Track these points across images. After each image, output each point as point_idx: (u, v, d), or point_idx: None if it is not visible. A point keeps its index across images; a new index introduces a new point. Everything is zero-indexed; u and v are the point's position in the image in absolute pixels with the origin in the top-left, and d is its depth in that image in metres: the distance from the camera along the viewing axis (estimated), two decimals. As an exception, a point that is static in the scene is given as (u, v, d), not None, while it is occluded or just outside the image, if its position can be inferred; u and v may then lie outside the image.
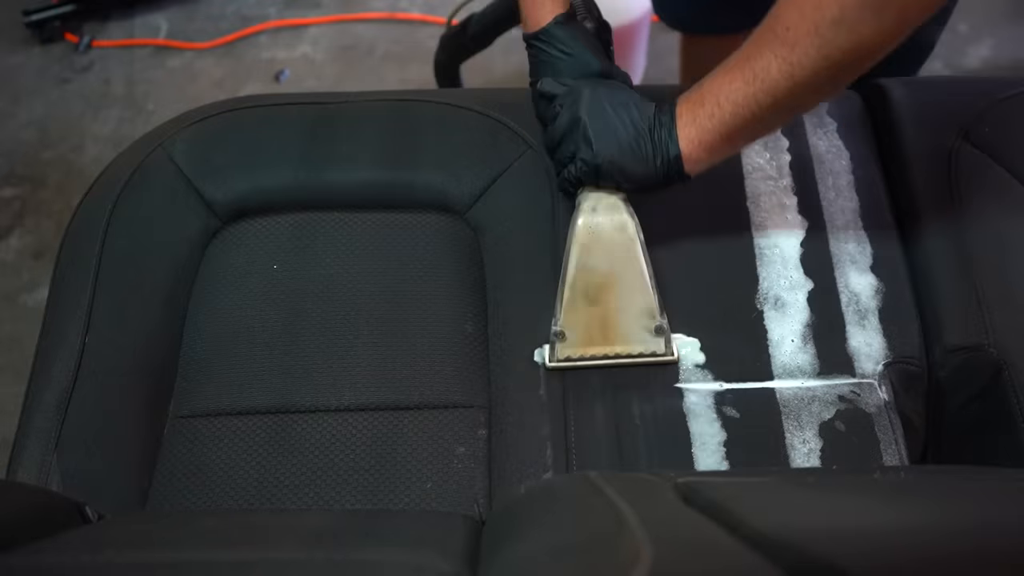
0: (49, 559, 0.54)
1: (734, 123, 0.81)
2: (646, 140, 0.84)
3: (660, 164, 0.85)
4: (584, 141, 0.85)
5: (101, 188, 1.03)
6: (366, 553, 0.56)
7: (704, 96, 0.83)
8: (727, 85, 0.81)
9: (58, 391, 0.90)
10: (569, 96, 0.88)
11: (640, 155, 0.85)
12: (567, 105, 0.87)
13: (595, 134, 0.85)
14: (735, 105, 0.80)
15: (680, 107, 0.85)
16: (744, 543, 0.44)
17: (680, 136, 0.84)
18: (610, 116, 0.85)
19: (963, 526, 0.49)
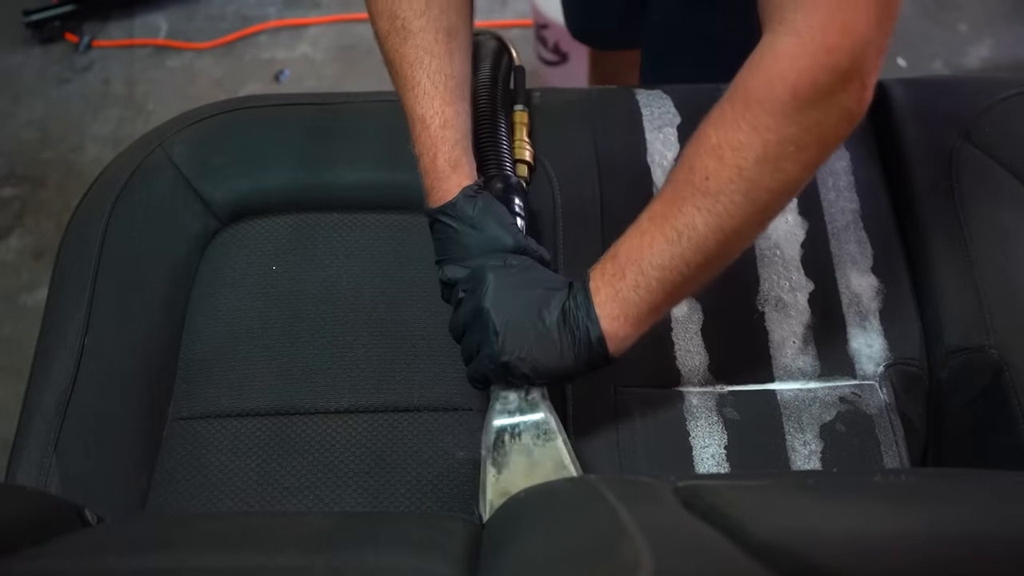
0: (49, 565, 0.54)
1: (662, 289, 0.75)
2: (559, 328, 0.77)
3: (580, 351, 0.77)
4: (488, 335, 0.77)
5: (101, 188, 1.03)
6: (365, 557, 0.56)
7: (623, 265, 0.76)
8: (647, 249, 0.74)
9: (57, 392, 0.90)
10: (472, 282, 0.81)
11: (554, 346, 0.77)
12: (469, 292, 0.80)
13: (500, 329, 0.77)
14: (662, 270, 0.74)
15: (595, 282, 0.77)
16: (744, 550, 0.44)
17: (601, 315, 0.76)
18: (517, 305, 0.78)
19: (963, 531, 0.49)
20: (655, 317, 0.78)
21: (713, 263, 0.75)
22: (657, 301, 0.76)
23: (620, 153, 1.03)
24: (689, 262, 0.73)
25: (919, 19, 2.01)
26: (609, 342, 0.76)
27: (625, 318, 0.76)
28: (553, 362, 0.77)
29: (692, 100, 1.08)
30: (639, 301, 0.75)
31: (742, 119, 0.69)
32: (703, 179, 0.71)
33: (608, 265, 0.77)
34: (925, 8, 2.02)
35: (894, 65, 1.95)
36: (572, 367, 0.78)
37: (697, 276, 0.75)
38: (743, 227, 0.72)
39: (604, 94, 1.08)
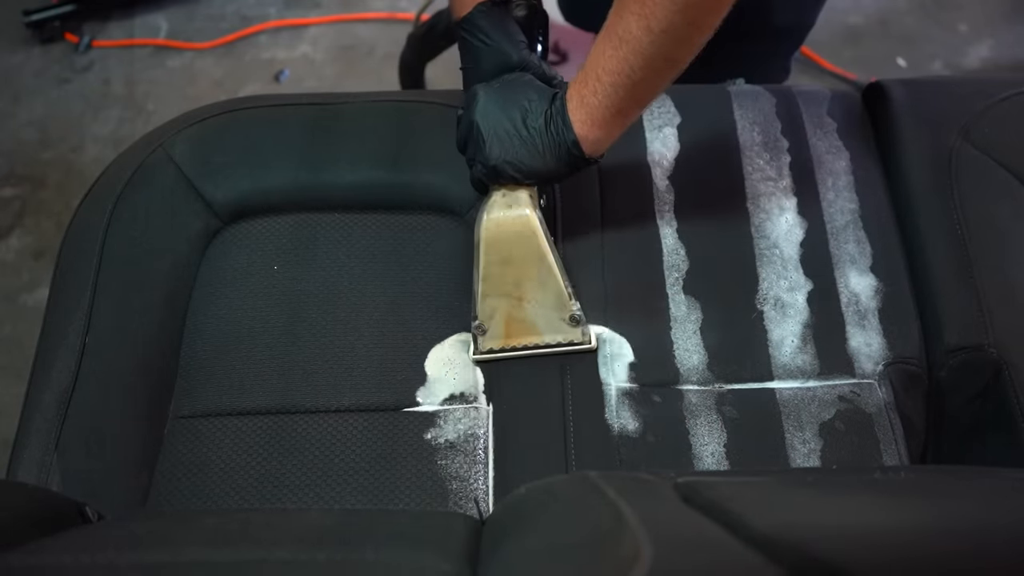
0: (49, 559, 0.54)
1: (616, 93, 0.82)
2: (541, 133, 0.85)
3: (561, 153, 0.85)
4: (479, 144, 0.87)
5: (101, 188, 1.03)
6: (366, 553, 0.56)
7: (586, 74, 0.83)
8: (601, 57, 0.81)
9: (58, 391, 0.90)
10: (467, 100, 0.90)
11: (536, 150, 0.86)
12: (466, 110, 0.89)
13: (487, 136, 0.86)
14: (611, 74, 0.81)
15: (569, 91, 0.85)
16: (744, 542, 0.44)
17: (573, 120, 0.84)
18: (502, 117, 0.86)
19: (963, 526, 0.49)
20: (622, 119, 0.85)
21: (656, 65, 0.80)
22: (615, 104, 0.83)
23: (620, 152, 1.03)
24: (632, 65, 0.80)
25: (919, 19, 2.01)
26: (582, 144, 0.85)
27: (592, 121, 0.84)
28: (538, 164, 0.86)
29: (692, 100, 1.08)
30: (599, 105, 0.83)
31: None
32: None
33: (579, 75, 0.85)
34: (925, 8, 2.02)
35: (894, 65, 1.95)
36: (555, 168, 0.87)
37: (647, 78, 0.81)
38: (672, 27, 0.76)
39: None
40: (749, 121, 1.06)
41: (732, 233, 1.00)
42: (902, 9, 2.01)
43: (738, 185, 1.02)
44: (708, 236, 0.99)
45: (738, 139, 1.05)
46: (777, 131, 1.05)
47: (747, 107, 1.07)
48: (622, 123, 0.86)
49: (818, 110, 1.08)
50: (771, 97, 1.08)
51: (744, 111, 1.07)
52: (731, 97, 1.09)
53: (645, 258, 0.98)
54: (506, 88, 0.88)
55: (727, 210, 1.01)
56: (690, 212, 1.00)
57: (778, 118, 1.06)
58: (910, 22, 2.00)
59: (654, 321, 0.95)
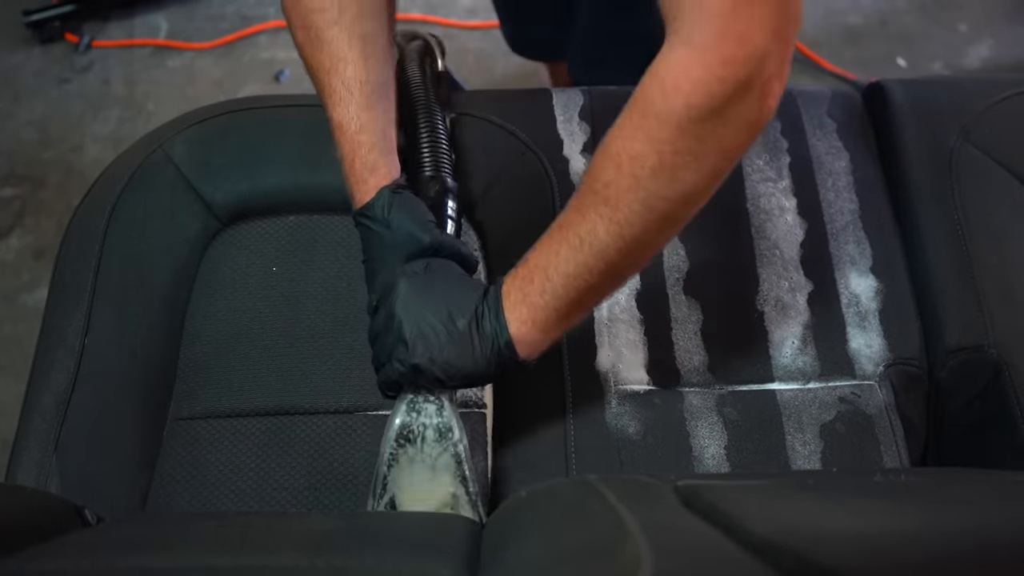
0: (49, 564, 0.54)
1: (567, 295, 0.75)
2: (472, 331, 0.77)
3: (491, 353, 0.77)
4: (399, 340, 0.78)
5: (101, 189, 1.03)
6: (365, 558, 0.56)
7: (532, 271, 0.76)
8: (554, 256, 0.74)
9: (57, 393, 0.90)
10: (384, 289, 0.81)
11: (464, 348, 0.77)
12: (382, 300, 0.81)
13: (410, 332, 0.77)
14: (566, 276, 0.74)
15: (507, 286, 0.78)
16: (744, 548, 0.44)
17: (510, 319, 0.76)
18: (429, 310, 0.78)
19: (963, 529, 0.49)
20: (565, 324, 0.78)
21: (618, 270, 0.75)
22: (563, 307, 0.76)
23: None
24: (592, 269, 0.73)
25: (919, 19, 2.01)
26: (518, 346, 0.77)
27: (533, 323, 0.76)
28: (467, 364, 0.77)
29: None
30: (545, 306, 0.76)
31: (639, 129, 0.68)
32: (604, 187, 0.71)
33: (520, 270, 0.78)
34: (925, 8, 2.02)
35: (894, 65, 1.95)
36: (484, 369, 0.78)
37: (603, 284, 0.75)
38: (643, 235, 0.72)
39: (603, 95, 1.08)
40: (749, 121, 1.06)
41: (732, 234, 0.99)
42: (902, 9, 2.01)
43: (738, 186, 1.02)
44: (708, 237, 0.99)
45: (738, 140, 1.04)
46: (777, 131, 1.05)
47: (747, 107, 1.07)
48: (563, 328, 0.78)
49: (818, 110, 1.07)
50: (771, 97, 1.08)
51: (744, 111, 1.06)
52: (731, 97, 1.08)
53: (645, 259, 0.98)
54: (429, 278, 0.81)
55: (727, 211, 1.01)
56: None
57: (778, 118, 1.06)
58: (910, 22, 2.00)
59: (654, 322, 0.95)
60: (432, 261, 0.83)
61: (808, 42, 1.96)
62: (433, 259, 0.83)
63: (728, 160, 0.70)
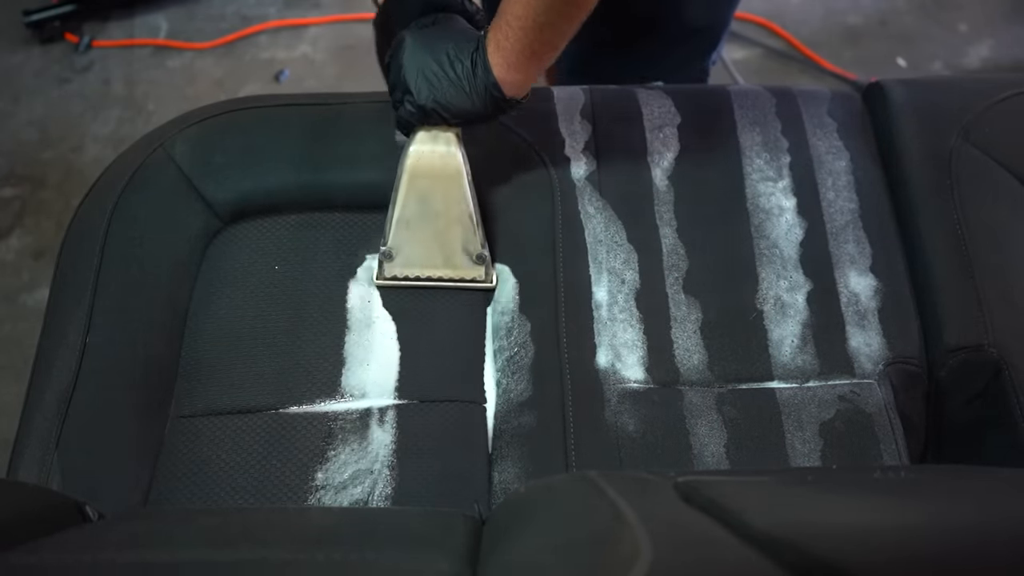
0: (49, 558, 0.54)
1: (526, 37, 0.84)
2: (467, 76, 0.88)
3: (484, 94, 0.88)
4: (408, 86, 0.89)
5: (102, 188, 1.03)
6: (366, 553, 0.56)
7: (500, 20, 0.86)
8: (510, 3, 0.84)
9: (59, 391, 0.90)
10: (396, 45, 0.92)
11: (462, 90, 0.88)
12: (395, 54, 0.92)
13: (415, 79, 0.89)
14: (519, 19, 0.84)
15: (488, 36, 0.88)
16: (744, 541, 0.44)
17: (492, 63, 0.87)
18: (429, 60, 0.89)
19: (963, 525, 0.49)
20: (537, 61, 0.88)
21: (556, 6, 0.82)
22: (526, 47, 0.85)
23: (619, 152, 1.03)
24: (535, 8, 0.82)
25: (919, 19, 2.01)
26: (503, 86, 0.88)
27: (508, 64, 0.87)
28: (466, 105, 0.89)
29: (692, 100, 1.08)
30: (512, 49, 0.86)
31: None
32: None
33: (495, 21, 0.88)
34: (925, 8, 2.02)
35: (894, 65, 1.95)
36: (481, 109, 0.90)
37: (551, 21, 0.84)
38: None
39: (604, 93, 1.09)
40: (749, 121, 1.06)
41: (732, 233, 1.00)
42: (902, 9, 2.01)
43: (738, 185, 1.02)
44: (708, 236, 0.99)
45: (738, 139, 1.05)
46: (777, 131, 1.05)
47: (747, 107, 1.07)
48: (538, 65, 0.88)
49: (818, 110, 1.08)
50: (771, 97, 1.08)
51: (744, 111, 1.07)
52: (731, 97, 1.09)
53: (645, 257, 0.98)
54: (433, 31, 0.91)
55: (727, 210, 1.01)
56: (690, 212, 1.00)
57: (778, 118, 1.06)
58: (910, 22, 2.00)
59: (654, 321, 0.95)
60: (439, 16, 0.93)
61: (808, 42, 1.97)
62: (440, 14, 0.94)
63: None
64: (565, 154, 1.04)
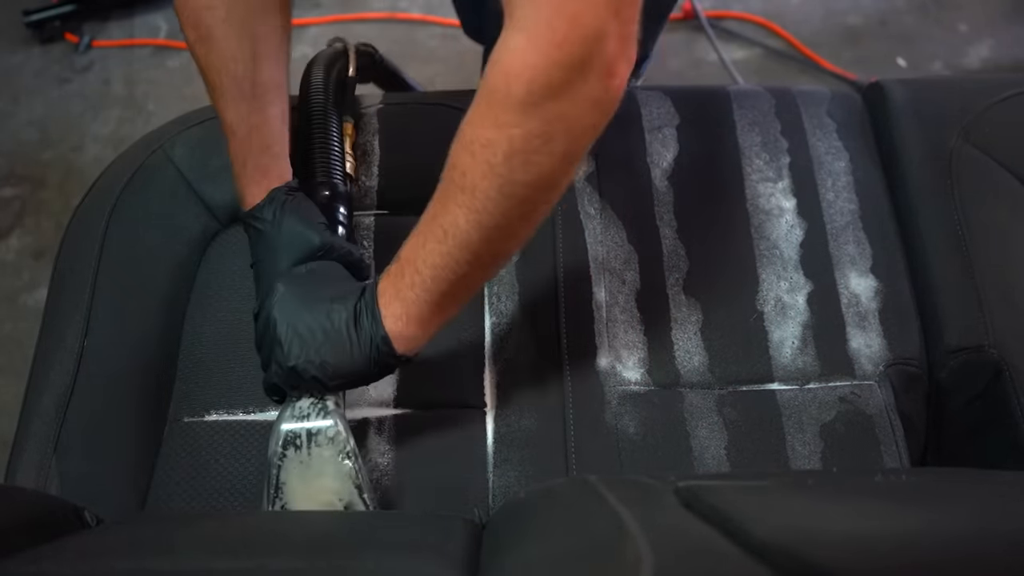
0: (49, 567, 0.54)
1: (438, 288, 0.75)
2: (348, 328, 0.77)
3: (370, 351, 0.77)
4: (276, 343, 0.78)
5: (101, 189, 1.03)
6: (365, 560, 0.56)
7: (403, 266, 0.76)
8: (421, 248, 0.74)
9: (57, 394, 0.90)
10: (265, 294, 0.82)
11: (342, 347, 0.77)
12: (263, 305, 0.81)
13: (286, 334, 0.78)
14: (434, 268, 0.74)
15: (382, 283, 0.78)
16: (744, 550, 0.44)
17: (386, 315, 0.77)
18: (302, 311, 0.79)
19: (963, 531, 0.49)
20: (441, 316, 0.78)
21: (483, 260, 0.74)
22: (435, 300, 0.76)
23: (618, 153, 1.03)
24: (458, 259, 0.73)
25: (919, 19, 2.01)
26: (395, 342, 0.77)
27: (408, 317, 0.76)
28: (345, 364, 0.77)
29: (692, 100, 1.08)
30: (417, 300, 0.76)
31: (487, 116, 0.68)
32: (461, 176, 0.70)
33: (393, 266, 0.78)
34: (925, 8, 2.02)
35: (894, 65, 1.95)
36: (364, 368, 0.78)
37: (471, 273, 0.74)
38: (504, 223, 0.71)
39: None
40: (749, 121, 1.06)
41: (732, 234, 0.99)
42: (902, 9, 2.01)
43: (738, 186, 1.02)
44: (708, 237, 0.99)
45: (738, 139, 1.05)
46: (777, 131, 1.05)
47: (747, 107, 1.07)
48: (439, 321, 0.78)
49: (818, 110, 1.07)
50: (771, 97, 1.08)
51: (744, 111, 1.07)
52: (731, 97, 1.08)
53: (645, 258, 0.98)
54: (308, 279, 0.82)
55: (727, 211, 1.01)
56: (690, 213, 1.00)
57: (778, 118, 1.06)
58: (910, 22, 2.00)
59: (654, 322, 0.95)
60: (317, 264, 0.84)
61: (808, 42, 1.96)
62: (319, 262, 0.84)
63: (578, 142, 0.70)
64: (565, 155, 1.03)
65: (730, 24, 2.01)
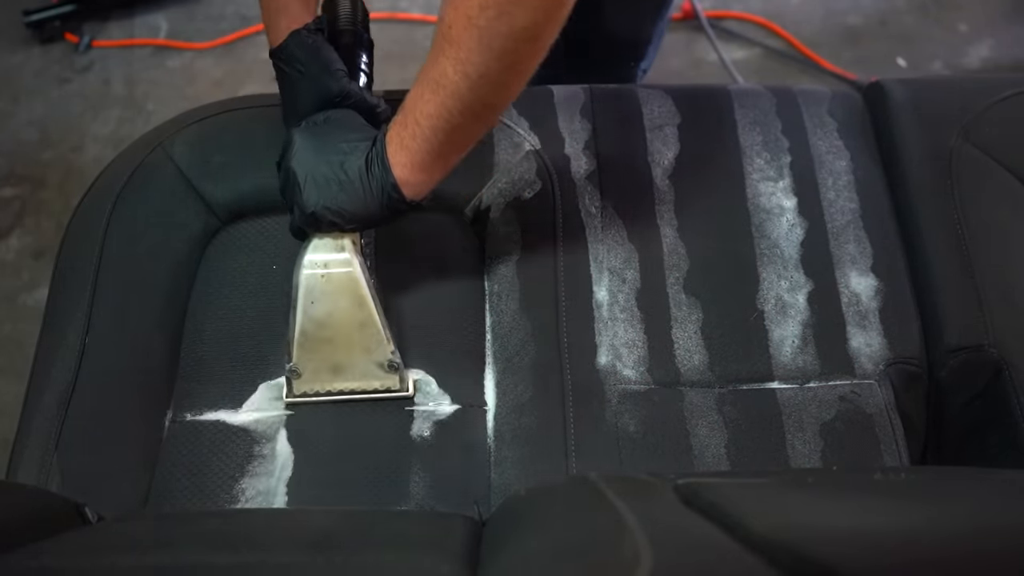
0: (49, 562, 0.54)
1: (436, 137, 0.79)
2: (361, 176, 0.82)
3: (381, 196, 0.82)
4: (297, 191, 0.84)
5: (101, 188, 1.03)
6: (366, 556, 0.56)
7: (406, 117, 0.81)
8: (419, 100, 0.79)
9: (58, 392, 0.90)
10: (285, 146, 0.87)
11: (356, 194, 0.82)
12: (284, 155, 0.86)
13: (304, 183, 0.83)
14: (430, 118, 0.78)
15: (389, 133, 0.82)
16: (743, 546, 0.44)
17: (393, 163, 0.81)
18: (319, 161, 0.83)
19: (962, 529, 0.49)
20: (443, 162, 0.83)
21: (474, 109, 0.77)
22: (435, 148, 0.80)
23: (619, 151, 1.03)
24: (451, 109, 0.77)
25: (919, 19, 2.01)
26: (403, 187, 0.82)
27: (412, 165, 0.81)
28: (359, 209, 0.83)
29: (692, 99, 1.08)
30: (418, 148, 0.80)
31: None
32: (447, 28, 0.74)
33: (398, 117, 0.82)
34: (925, 8, 2.02)
35: (894, 65, 1.95)
36: (377, 213, 0.84)
37: (465, 122, 0.78)
38: (489, 73, 0.74)
39: (604, 93, 1.08)
40: (749, 121, 1.06)
41: (732, 233, 0.99)
42: (902, 9, 2.01)
43: (738, 185, 1.02)
44: (708, 236, 0.99)
45: (738, 139, 1.05)
46: (777, 131, 1.05)
47: (747, 107, 1.07)
48: (443, 167, 0.83)
49: (818, 110, 1.08)
50: (771, 96, 1.08)
51: (744, 111, 1.07)
52: (731, 97, 1.09)
53: (645, 257, 0.98)
54: (324, 129, 0.86)
55: (727, 210, 1.01)
56: (690, 212, 1.00)
57: (778, 118, 1.06)
58: (910, 22, 2.00)
59: (654, 321, 0.95)
60: (332, 112, 0.88)
61: (808, 42, 1.96)
62: (334, 110, 0.88)
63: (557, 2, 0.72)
64: (565, 153, 1.03)
65: (730, 24, 2.01)
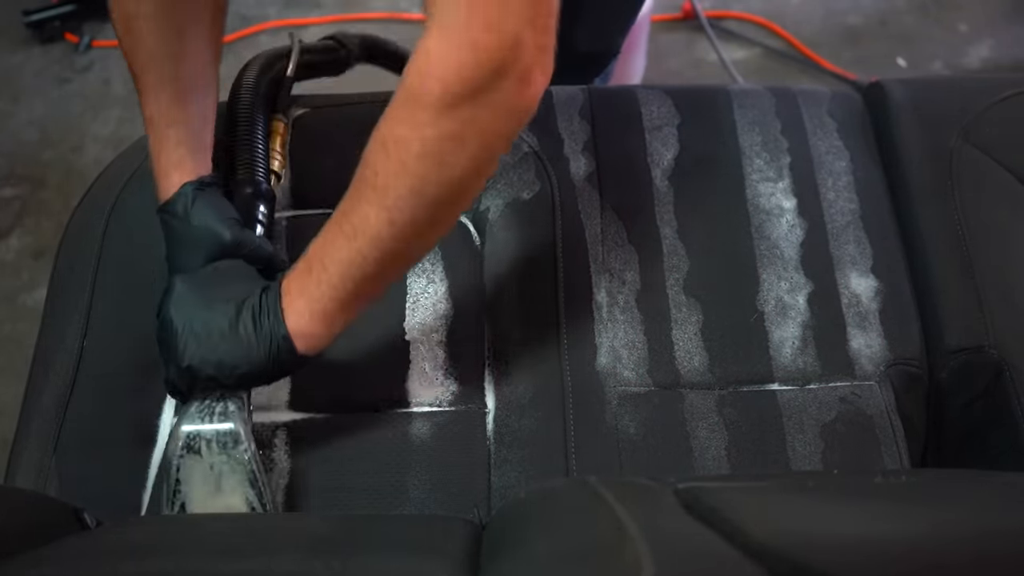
0: (48, 570, 0.54)
1: (344, 285, 0.74)
2: (245, 326, 0.76)
3: (269, 349, 0.76)
4: (173, 342, 0.77)
5: (100, 189, 1.03)
6: (366, 560, 0.56)
7: (310, 262, 0.75)
8: (330, 246, 0.74)
9: (56, 394, 0.90)
10: (164, 293, 0.81)
11: (241, 347, 0.76)
12: (162, 304, 0.80)
13: (181, 331, 0.77)
14: (341, 265, 0.73)
15: (286, 281, 0.77)
16: (743, 553, 0.44)
17: (288, 312, 0.76)
18: (199, 309, 0.78)
19: (964, 532, 0.49)
20: (346, 314, 0.77)
21: (393, 259, 0.74)
22: (342, 297, 0.75)
23: (619, 152, 1.03)
24: (367, 257, 0.72)
25: (919, 19, 2.01)
26: (297, 340, 0.76)
27: (311, 314, 0.76)
28: (242, 363, 0.76)
29: (692, 100, 1.08)
30: (322, 297, 0.75)
31: (403, 113, 0.68)
32: (374, 174, 0.70)
33: (300, 263, 0.77)
34: (925, 8, 2.02)
35: (894, 65, 1.95)
36: (263, 368, 0.77)
37: (380, 272, 0.74)
38: (415, 222, 0.71)
39: (603, 93, 1.08)
40: (749, 121, 1.06)
41: (732, 234, 0.99)
42: (902, 9, 2.01)
43: (738, 185, 1.02)
44: (708, 236, 0.99)
45: (738, 139, 1.05)
46: (777, 131, 1.05)
47: (747, 107, 1.07)
48: (345, 318, 0.77)
49: (818, 110, 1.07)
50: (771, 97, 1.08)
51: (744, 111, 1.07)
52: (731, 97, 1.08)
53: (645, 258, 0.98)
54: (210, 278, 0.82)
55: (727, 210, 1.01)
56: (690, 212, 1.00)
57: (778, 118, 1.06)
58: (910, 22, 2.00)
59: (654, 322, 0.95)
60: (221, 263, 0.83)
61: (808, 42, 1.96)
62: (223, 260, 0.83)
63: (490, 148, 0.70)
64: (564, 154, 1.03)
65: (730, 24, 2.01)
